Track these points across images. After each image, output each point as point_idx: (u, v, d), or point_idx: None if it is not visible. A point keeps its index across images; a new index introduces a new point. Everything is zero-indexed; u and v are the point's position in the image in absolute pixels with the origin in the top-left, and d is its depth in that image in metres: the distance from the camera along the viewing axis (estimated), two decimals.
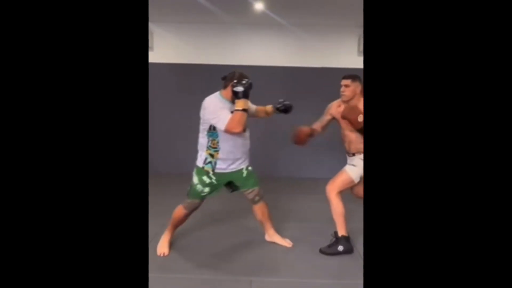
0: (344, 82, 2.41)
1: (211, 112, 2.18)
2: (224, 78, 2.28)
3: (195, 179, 2.34)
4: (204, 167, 2.31)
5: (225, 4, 3.85)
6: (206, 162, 2.30)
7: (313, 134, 2.53)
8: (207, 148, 2.28)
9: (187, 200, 2.38)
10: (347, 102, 2.42)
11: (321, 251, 2.44)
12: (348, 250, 2.42)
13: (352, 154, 2.46)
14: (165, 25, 4.68)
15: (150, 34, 4.58)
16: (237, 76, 2.19)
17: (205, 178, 2.31)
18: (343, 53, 4.66)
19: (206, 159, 2.30)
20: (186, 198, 2.38)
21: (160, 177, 4.34)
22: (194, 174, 2.35)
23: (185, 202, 2.39)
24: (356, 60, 4.57)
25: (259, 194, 2.48)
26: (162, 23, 4.65)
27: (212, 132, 2.25)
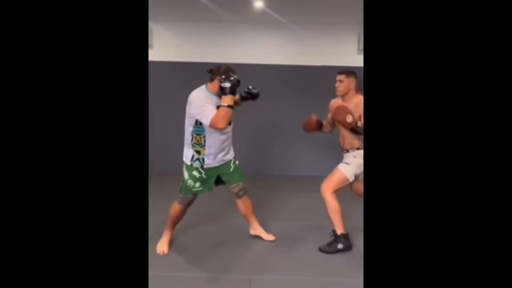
0: (338, 78, 2.44)
1: (197, 107, 2.18)
2: (210, 71, 2.27)
3: (186, 175, 2.35)
4: (192, 165, 2.32)
5: (225, 2, 3.84)
6: (194, 159, 2.31)
7: (321, 125, 2.64)
8: (193, 145, 2.28)
9: (180, 195, 2.40)
10: (342, 97, 2.46)
11: (320, 250, 2.44)
12: (347, 247, 2.43)
13: (346, 150, 2.48)
14: (164, 23, 4.67)
15: (149, 32, 4.57)
16: (223, 70, 2.19)
17: (195, 173, 2.33)
18: (343, 51, 4.66)
19: (193, 157, 2.31)
20: (179, 193, 2.41)
21: (159, 175, 4.34)
22: (184, 170, 2.37)
23: (179, 198, 2.42)
24: (356, 58, 4.56)
25: (243, 189, 2.51)
26: (162, 21, 4.64)
27: (198, 127, 2.24)
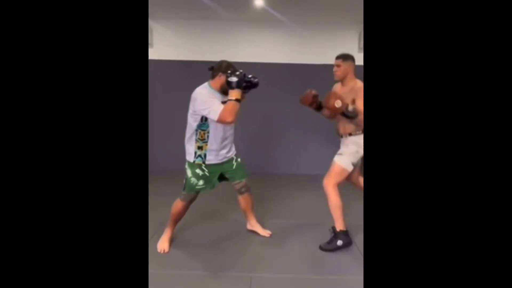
0: (335, 62, 2.48)
1: (203, 102, 2.18)
2: (211, 69, 2.30)
3: (189, 173, 2.37)
4: (195, 161, 2.34)
5: (225, 0, 3.84)
6: (196, 156, 2.34)
7: (320, 104, 2.52)
8: (196, 141, 2.30)
9: (183, 192, 2.42)
10: (340, 81, 2.50)
11: (321, 248, 2.45)
12: (347, 243, 2.43)
13: (340, 135, 2.51)
14: (165, 21, 4.66)
15: (150, 31, 4.57)
16: (225, 66, 2.23)
17: (198, 171, 2.35)
18: (344, 49, 4.60)
19: (195, 153, 2.33)
20: (182, 191, 2.43)
21: (159, 174, 4.34)
22: (187, 168, 2.39)
23: (181, 195, 2.43)
24: (356, 56, 4.54)
25: (246, 186, 2.56)
26: (162, 20, 4.63)
27: (203, 123, 2.27)
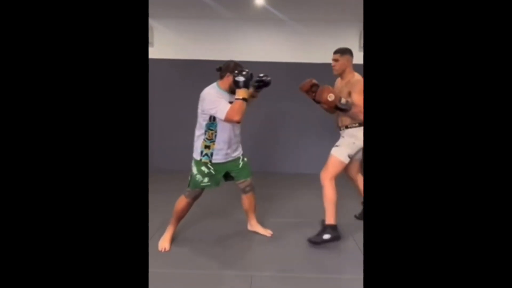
0: (333, 57, 2.50)
1: (210, 102, 2.22)
2: (219, 69, 2.33)
3: (194, 170, 2.39)
4: (201, 160, 2.37)
5: None
6: (203, 154, 2.36)
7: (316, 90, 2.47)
8: (204, 140, 2.33)
9: (188, 189, 2.43)
10: (339, 76, 2.53)
11: (308, 240, 2.46)
12: (335, 237, 2.43)
13: (339, 128, 2.54)
14: (165, 21, 4.66)
15: (150, 30, 4.57)
16: (232, 66, 2.26)
17: (203, 169, 2.37)
18: None
19: (202, 152, 2.36)
20: (187, 188, 2.44)
21: (160, 173, 4.34)
22: (193, 165, 2.41)
23: (186, 192, 2.44)
24: (357, 55, 4.52)
25: (250, 185, 2.58)
26: (163, 19, 4.63)
27: (211, 123, 2.30)
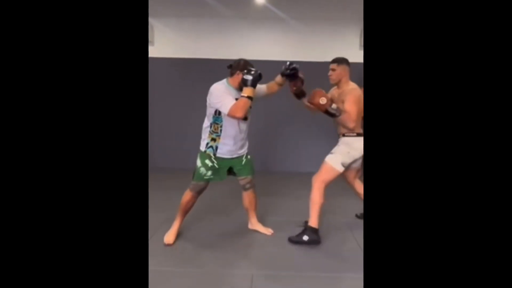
0: (331, 66, 2.52)
1: (217, 97, 2.30)
2: (230, 67, 2.41)
3: (199, 162, 2.46)
4: (206, 151, 2.44)
5: None
6: (208, 146, 2.43)
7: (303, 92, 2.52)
8: (210, 132, 2.41)
9: (193, 182, 2.49)
10: (336, 85, 2.55)
11: (289, 239, 2.49)
12: (313, 241, 2.43)
13: (338, 136, 2.54)
14: (165, 19, 4.66)
15: (150, 29, 4.57)
16: (242, 64, 2.35)
17: (207, 162, 2.43)
18: (345, 46, 4.63)
19: (207, 144, 2.43)
20: (192, 180, 2.50)
21: (161, 171, 4.35)
22: (198, 158, 2.48)
23: (191, 185, 2.50)
24: (358, 54, 4.53)
25: (251, 183, 2.61)
26: (163, 18, 4.63)
27: (217, 116, 2.37)
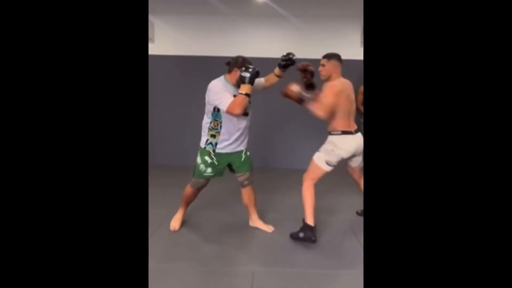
0: (321, 62, 2.53)
1: (215, 93, 2.33)
2: (228, 64, 2.43)
3: (199, 159, 2.50)
4: (205, 148, 2.47)
5: None
6: (207, 143, 2.46)
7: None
8: (209, 129, 2.44)
9: (193, 179, 2.54)
10: (326, 81, 2.50)
11: (290, 235, 2.51)
12: (307, 238, 2.43)
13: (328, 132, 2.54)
14: (166, 17, 4.66)
15: (151, 26, 4.56)
16: (240, 61, 2.38)
17: (207, 158, 2.46)
18: (346, 44, 4.61)
19: (207, 140, 2.46)
20: (192, 177, 2.54)
21: (161, 169, 4.35)
22: (198, 155, 2.51)
23: (191, 181, 2.55)
24: (359, 51, 4.53)
25: (249, 179, 2.62)
26: (163, 15, 4.62)
27: (216, 113, 2.40)
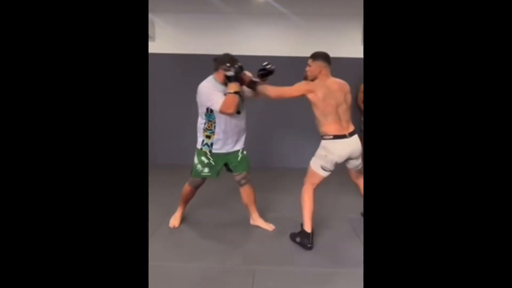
0: (308, 62, 2.47)
1: (206, 94, 2.35)
2: (215, 60, 2.42)
3: (196, 159, 2.54)
4: (202, 148, 2.50)
5: None
6: (203, 144, 2.49)
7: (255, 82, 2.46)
8: (204, 130, 2.46)
9: (190, 178, 2.59)
10: (312, 81, 2.43)
11: (289, 236, 2.50)
12: (302, 244, 2.38)
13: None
14: (166, 15, 4.65)
15: (151, 24, 4.55)
16: (224, 59, 2.37)
17: (203, 159, 2.50)
18: (347, 42, 4.60)
19: (203, 141, 2.48)
20: (190, 176, 2.60)
21: (161, 168, 4.36)
22: (195, 155, 2.54)
23: (189, 180, 2.60)
24: (360, 49, 4.51)
25: (246, 178, 2.63)
26: (164, 14, 4.61)
27: (209, 114, 2.41)
